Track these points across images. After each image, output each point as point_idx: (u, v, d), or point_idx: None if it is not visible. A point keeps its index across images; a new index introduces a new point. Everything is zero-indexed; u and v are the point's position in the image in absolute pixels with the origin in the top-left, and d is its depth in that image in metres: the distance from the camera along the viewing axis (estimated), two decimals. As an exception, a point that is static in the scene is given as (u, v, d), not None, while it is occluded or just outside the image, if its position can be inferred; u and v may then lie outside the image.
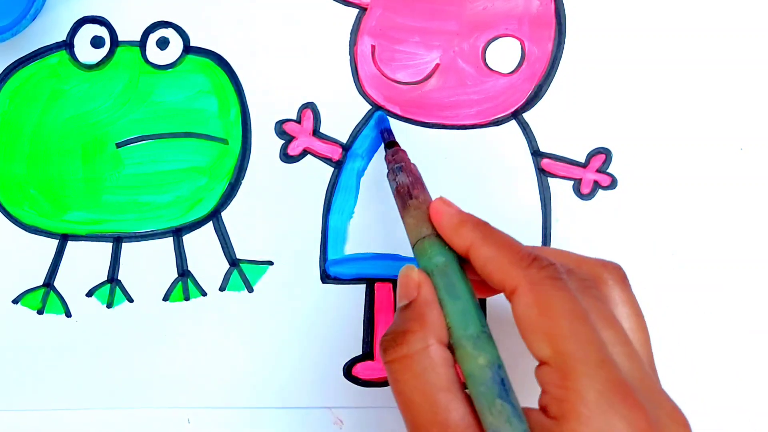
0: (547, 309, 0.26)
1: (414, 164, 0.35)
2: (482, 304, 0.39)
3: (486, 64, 0.39)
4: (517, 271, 0.27)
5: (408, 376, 0.27)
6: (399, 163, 0.35)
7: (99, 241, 0.39)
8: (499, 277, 0.28)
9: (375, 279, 0.40)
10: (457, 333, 0.28)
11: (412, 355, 0.27)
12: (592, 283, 0.29)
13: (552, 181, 0.39)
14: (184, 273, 0.40)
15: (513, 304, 0.27)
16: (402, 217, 0.33)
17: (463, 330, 0.28)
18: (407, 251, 0.39)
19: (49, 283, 0.40)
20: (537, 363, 0.27)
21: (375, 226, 0.39)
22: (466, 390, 0.28)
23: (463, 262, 0.30)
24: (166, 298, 0.40)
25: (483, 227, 0.30)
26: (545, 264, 0.28)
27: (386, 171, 0.35)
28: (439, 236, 0.31)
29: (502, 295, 0.29)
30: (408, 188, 0.33)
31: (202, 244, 0.39)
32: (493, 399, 0.26)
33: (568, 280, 0.27)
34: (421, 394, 0.27)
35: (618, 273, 0.30)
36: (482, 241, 0.29)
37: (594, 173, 0.39)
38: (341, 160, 0.39)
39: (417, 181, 0.34)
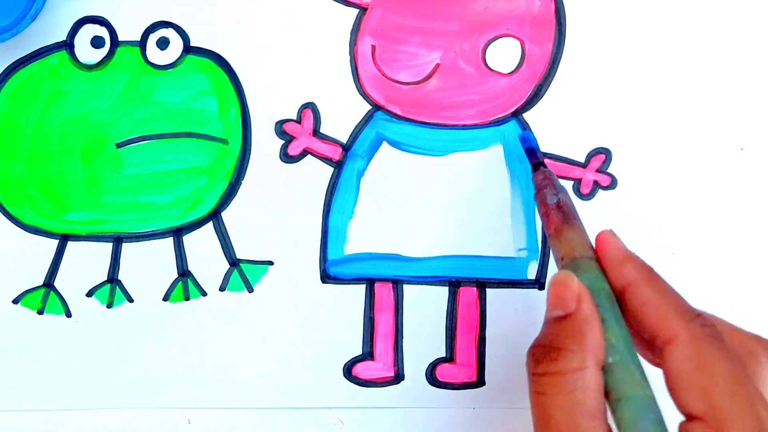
0: (707, 366, 0.26)
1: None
2: (482, 304, 0.39)
3: (486, 65, 0.39)
4: (679, 321, 0.27)
5: (556, 393, 0.26)
6: (557, 184, 0.34)
7: (99, 241, 0.39)
8: (656, 323, 0.27)
9: (375, 279, 0.40)
10: (625, 358, 0.27)
11: (565, 373, 0.26)
12: (744, 357, 0.28)
13: (552, 181, 0.39)
14: (184, 273, 0.40)
15: (667, 353, 0.27)
16: (557, 232, 0.32)
17: (631, 356, 0.27)
18: (407, 251, 0.39)
19: (49, 283, 0.39)
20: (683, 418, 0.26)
21: (375, 226, 0.39)
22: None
23: None
24: (166, 298, 0.40)
25: (648, 269, 0.29)
26: (709, 323, 0.27)
27: (533, 190, 0.35)
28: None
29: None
30: (572, 208, 0.33)
31: (202, 244, 0.39)
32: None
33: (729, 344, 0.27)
34: (566, 415, 0.26)
35: None
36: (646, 282, 0.29)
37: (594, 173, 0.39)
38: (341, 160, 0.39)
39: (573, 207, 0.33)
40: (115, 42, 0.39)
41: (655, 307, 0.28)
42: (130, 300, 0.40)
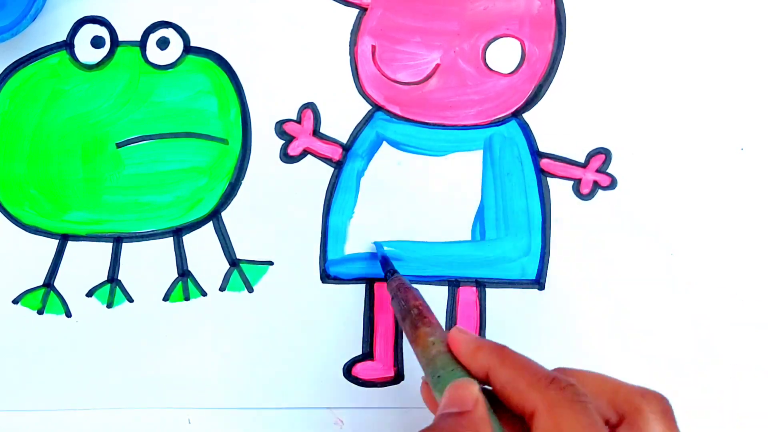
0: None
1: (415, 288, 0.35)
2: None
3: (486, 65, 0.39)
4: (535, 393, 0.27)
5: None
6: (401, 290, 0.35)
7: (99, 241, 0.39)
8: (517, 400, 0.27)
9: (375, 279, 0.40)
10: None
11: None
12: (628, 412, 0.28)
13: (552, 182, 0.39)
14: (184, 273, 0.40)
15: (532, 427, 0.27)
16: (415, 340, 0.33)
17: None
18: (407, 251, 0.39)
19: (49, 283, 0.40)
20: None
21: (375, 226, 0.39)
22: None
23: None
24: (166, 298, 0.40)
25: (499, 350, 0.29)
26: (564, 384, 0.27)
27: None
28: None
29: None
30: (426, 309, 0.33)
31: (202, 244, 0.39)
32: None
33: (591, 403, 0.27)
34: None
35: (660, 405, 0.28)
36: (500, 364, 0.29)
37: (594, 173, 0.39)
38: (341, 160, 0.39)
39: (425, 307, 0.34)
40: (115, 42, 0.39)
41: (512, 384, 0.28)
42: (130, 300, 0.40)
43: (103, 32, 0.39)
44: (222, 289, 0.40)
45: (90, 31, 0.39)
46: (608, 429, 0.27)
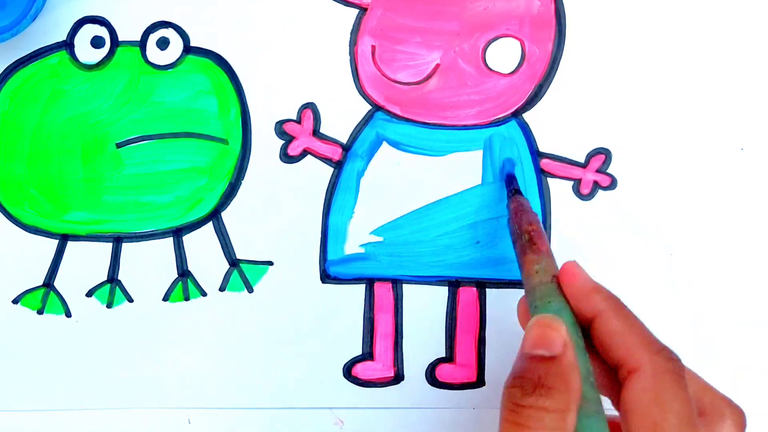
0: (663, 401, 0.27)
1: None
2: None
3: (486, 65, 0.39)
4: (644, 353, 0.28)
5: (538, 428, 0.27)
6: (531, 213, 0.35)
7: (99, 241, 0.39)
8: (623, 353, 0.28)
9: (374, 279, 0.40)
10: (599, 411, 0.27)
11: (552, 411, 0.27)
12: (711, 415, 0.29)
13: (552, 182, 0.39)
14: (184, 273, 0.40)
15: (628, 382, 0.27)
16: (522, 266, 0.33)
17: (596, 405, 0.28)
18: (407, 251, 0.39)
19: (49, 283, 0.40)
20: None
21: (375, 226, 0.39)
22: None
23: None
24: (166, 298, 0.40)
25: (615, 300, 0.30)
26: (673, 357, 0.28)
27: (507, 214, 0.36)
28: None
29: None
30: (544, 237, 0.33)
31: (202, 244, 0.39)
32: None
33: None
34: None
35: (739, 418, 0.30)
36: (614, 313, 0.29)
37: (594, 173, 0.39)
38: (341, 160, 0.39)
39: (537, 232, 0.33)
40: (115, 42, 0.39)
41: (622, 337, 0.28)
42: (130, 300, 0.40)
43: (103, 32, 0.39)
44: (222, 289, 0.40)
45: (90, 31, 0.39)
46: None
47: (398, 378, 0.40)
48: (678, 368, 0.27)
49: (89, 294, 0.40)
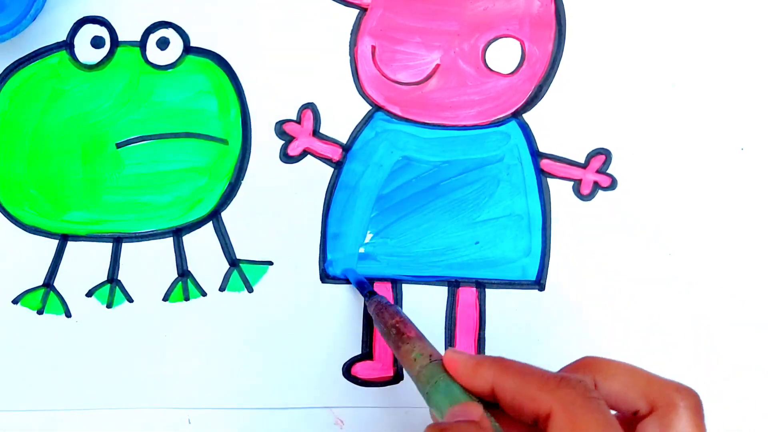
0: (580, 430, 0.26)
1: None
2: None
3: (486, 65, 0.39)
4: (547, 395, 0.27)
5: None
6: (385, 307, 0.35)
7: (99, 241, 0.39)
8: (529, 406, 0.27)
9: (374, 279, 0.40)
10: None
11: None
12: (661, 406, 0.28)
13: (552, 182, 0.39)
14: (183, 273, 0.40)
15: (547, 429, 0.27)
16: (401, 359, 0.32)
17: None
18: (407, 251, 0.39)
19: (49, 283, 0.40)
20: None
21: (375, 227, 0.39)
22: None
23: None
24: (165, 299, 0.40)
25: (500, 361, 0.29)
26: (574, 382, 0.27)
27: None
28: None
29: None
30: (410, 325, 0.33)
31: (202, 245, 0.39)
32: None
33: (602, 400, 0.27)
34: None
35: (693, 400, 0.28)
36: (504, 374, 0.28)
37: (594, 174, 0.39)
38: (341, 160, 0.39)
39: (402, 322, 0.33)
40: (115, 42, 0.39)
41: (521, 391, 0.27)
42: (130, 300, 0.40)
43: (103, 32, 0.39)
44: (222, 289, 0.40)
45: (90, 31, 0.39)
46: (636, 419, 0.28)
47: (397, 377, 0.40)
48: (584, 391, 0.26)
49: (89, 294, 0.40)
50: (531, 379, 0.28)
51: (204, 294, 0.40)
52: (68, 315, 0.40)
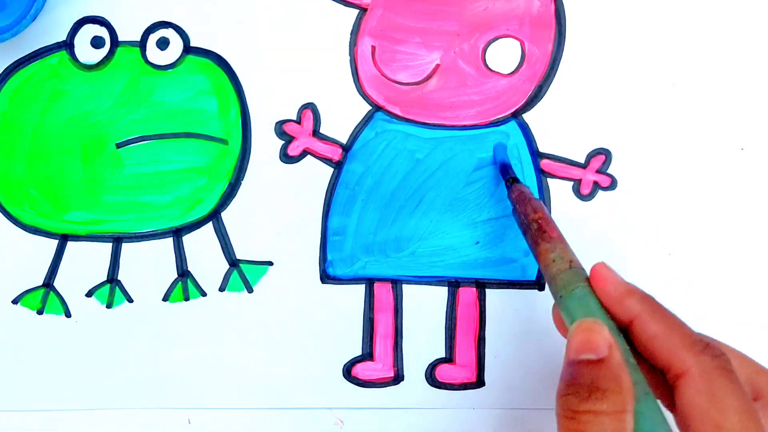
0: (718, 400, 0.26)
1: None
2: (482, 305, 0.39)
3: (486, 65, 0.39)
4: (688, 355, 0.27)
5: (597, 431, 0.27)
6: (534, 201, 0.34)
7: (99, 241, 0.39)
8: (665, 357, 0.28)
9: (374, 279, 0.40)
10: (652, 404, 0.27)
11: (609, 414, 0.27)
12: (754, 389, 0.28)
13: (552, 182, 0.39)
14: (183, 273, 0.40)
15: (679, 386, 0.27)
16: (537, 257, 0.32)
17: (644, 386, 0.27)
18: (407, 251, 0.39)
19: (48, 284, 0.40)
20: None
21: (375, 226, 0.39)
22: None
23: None
24: (165, 299, 0.40)
25: (650, 301, 0.30)
26: (718, 353, 0.27)
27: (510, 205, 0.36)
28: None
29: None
30: (552, 224, 0.33)
31: (201, 245, 0.39)
32: None
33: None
34: None
35: None
36: (651, 316, 0.29)
37: (594, 174, 0.39)
38: (341, 160, 0.39)
39: (545, 219, 0.33)
40: (115, 42, 0.39)
41: (663, 340, 0.28)
42: (130, 300, 0.40)
43: (102, 32, 0.39)
44: (222, 289, 0.40)
45: (90, 31, 0.39)
46: None
47: (398, 378, 0.40)
48: (725, 363, 0.27)
49: (89, 294, 0.40)
50: (676, 332, 0.28)
51: (204, 294, 0.40)
52: (68, 315, 0.40)
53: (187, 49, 0.39)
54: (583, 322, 0.29)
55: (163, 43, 0.39)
